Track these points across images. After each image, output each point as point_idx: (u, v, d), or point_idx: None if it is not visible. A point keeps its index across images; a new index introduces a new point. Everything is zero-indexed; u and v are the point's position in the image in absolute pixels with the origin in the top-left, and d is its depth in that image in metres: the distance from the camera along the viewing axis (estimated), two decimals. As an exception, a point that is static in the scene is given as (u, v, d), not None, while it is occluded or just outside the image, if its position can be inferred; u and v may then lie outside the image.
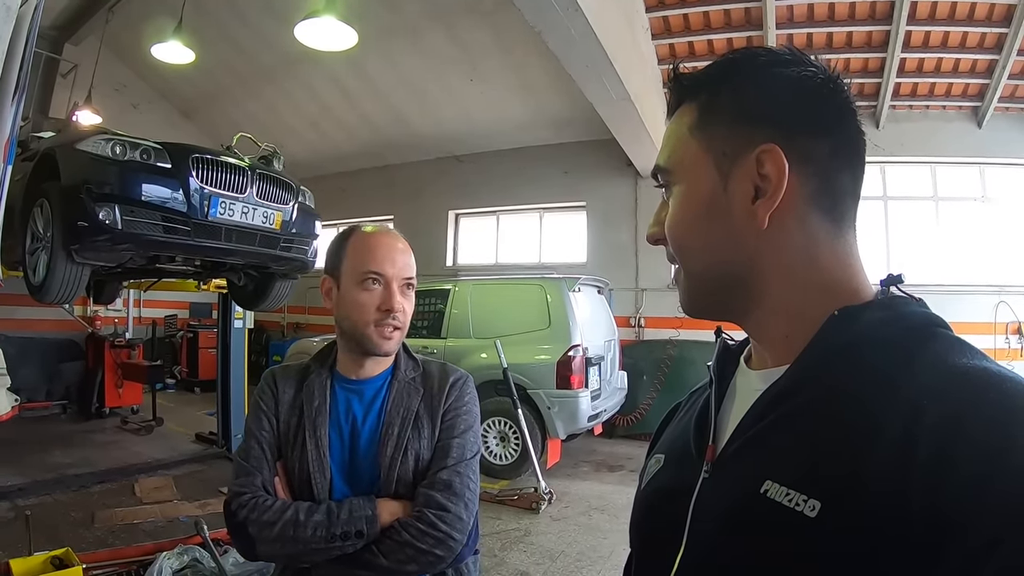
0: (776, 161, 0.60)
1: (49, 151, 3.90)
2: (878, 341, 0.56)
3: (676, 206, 0.67)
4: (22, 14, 1.82)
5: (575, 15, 4.32)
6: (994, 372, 0.50)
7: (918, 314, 0.60)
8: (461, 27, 7.50)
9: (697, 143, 0.66)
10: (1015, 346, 7.23)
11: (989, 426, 0.45)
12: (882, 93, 7.34)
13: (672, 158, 0.68)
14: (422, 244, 9.64)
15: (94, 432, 7.06)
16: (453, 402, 1.37)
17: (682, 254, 0.68)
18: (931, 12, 6.47)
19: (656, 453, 0.79)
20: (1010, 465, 0.43)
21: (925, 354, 0.54)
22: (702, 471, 0.65)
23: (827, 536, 0.49)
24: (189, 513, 4.36)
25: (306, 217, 4.62)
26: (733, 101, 0.65)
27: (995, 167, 7.66)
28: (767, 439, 0.59)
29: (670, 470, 0.73)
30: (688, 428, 0.72)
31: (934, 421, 0.47)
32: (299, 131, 10.22)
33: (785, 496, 0.52)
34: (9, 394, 4.32)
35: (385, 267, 1.32)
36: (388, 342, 1.33)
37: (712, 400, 0.71)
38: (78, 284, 3.89)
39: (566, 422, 5.62)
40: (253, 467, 1.31)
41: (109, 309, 8.69)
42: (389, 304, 1.31)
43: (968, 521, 0.42)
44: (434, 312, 6.59)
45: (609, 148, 7.84)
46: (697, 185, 0.66)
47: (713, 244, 0.65)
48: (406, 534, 1.22)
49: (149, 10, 7.49)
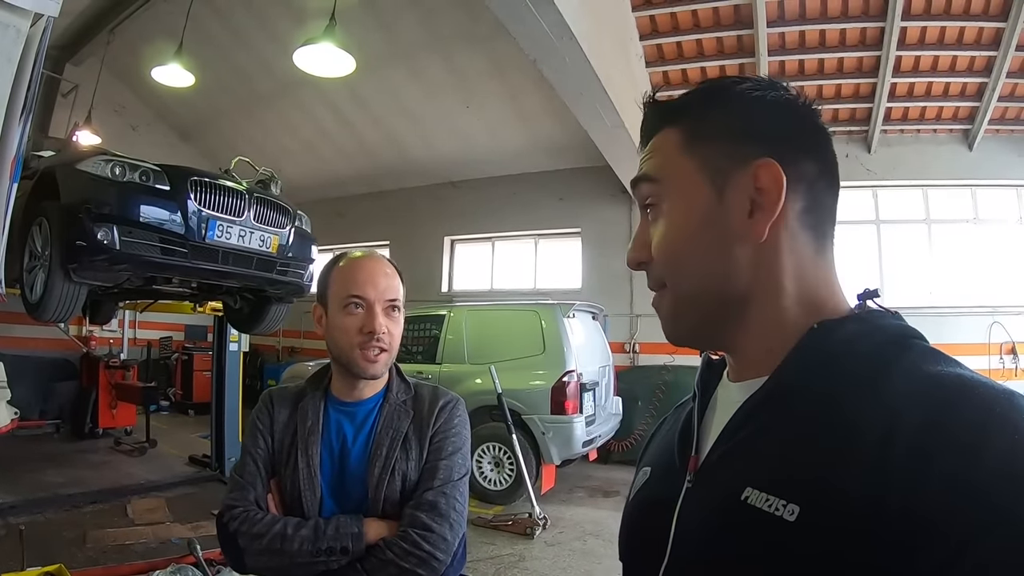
0: (774, 174, 0.61)
1: (49, 170, 3.92)
2: (855, 352, 0.57)
3: (668, 224, 0.66)
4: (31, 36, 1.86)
5: (569, 43, 4.38)
6: (968, 378, 0.51)
7: (894, 326, 0.61)
8: (457, 54, 7.60)
9: (688, 161, 0.66)
10: (1009, 366, 7.26)
11: (964, 429, 0.46)
12: (873, 118, 7.43)
13: (661, 172, 0.68)
14: (418, 270, 9.73)
15: (87, 452, 7.01)
16: (442, 425, 1.39)
17: (676, 273, 0.66)
18: (920, 37, 6.57)
19: (643, 466, 0.79)
20: (985, 466, 0.44)
21: (901, 363, 0.55)
22: (685, 481, 0.66)
23: (806, 539, 0.50)
24: (181, 535, 4.33)
25: (302, 241, 4.64)
26: (723, 122, 0.65)
27: (986, 189, 7.73)
28: (747, 448, 0.60)
29: (656, 482, 0.74)
30: (672, 440, 0.73)
31: (910, 426, 0.48)
32: (296, 155, 10.29)
33: (765, 502, 0.53)
34: (9, 407, 4.35)
35: (367, 290, 1.35)
36: (373, 365, 1.35)
37: (695, 412, 0.71)
38: (75, 303, 3.89)
39: (561, 447, 5.60)
40: (247, 482, 1.35)
41: (104, 329, 8.68)
42: (371, 326, 1.33)
43: (944, 521, 0.43)
44: (429, 338, 6.60)
45: (604, 174, 7.91)
46: (691, 201, 0.65)
47: (709, 260, 0.64)
48: (390, 553, 1.24)
49: (150, 33, 7.57)
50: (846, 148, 7.82)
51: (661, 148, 0.68)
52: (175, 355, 10.29)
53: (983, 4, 6.18)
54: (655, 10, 6.51)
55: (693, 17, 6.62)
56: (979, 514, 0.43)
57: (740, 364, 0.67)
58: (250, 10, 7.72)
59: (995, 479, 0.43)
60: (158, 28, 7.32)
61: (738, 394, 0.64)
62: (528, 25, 4.13)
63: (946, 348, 0.58)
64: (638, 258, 0.69)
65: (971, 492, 0.43)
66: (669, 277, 0.66)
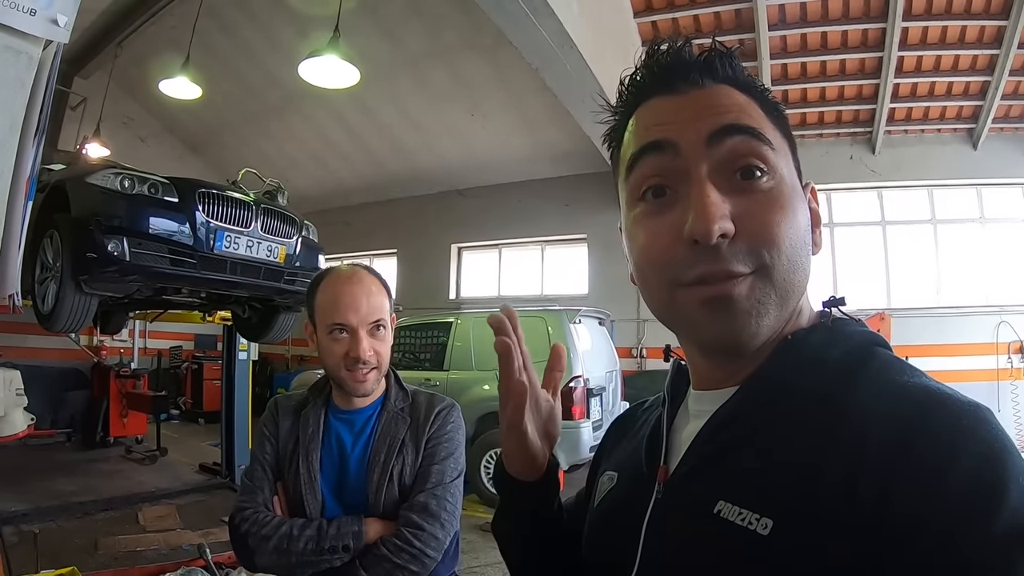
0: (816, 198, 0.61)
1: (59, 183, 3.95)
2: (823, 363, 0.56)
3: (788, 205, 0.57)
4: (43, 61, 1.92)
5: (570, 51, 4.42)
6: (934, 390, 0.50)
7: (858, 334, 0.60)
8: (462, 64, 7.65)
9: (781, 145, 0.60)
10: (1017, 365, 7.23)
11: (933, 442, 0.46)
12: (877, 119, 7.44)
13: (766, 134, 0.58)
14: (425, 277, 9.78)
15: (98, 461, 7.05)
16: (436, 430, 1.46)
17: (787, 262, 0.56)
18: (922, 37, 6.59)
19: (607, 470, 0.77)
20: (955, 480, 0.44)
21: (865, 374, 0.54)
22: (654, 492, 0.64)
23: (779, 553, 0.49)
24: (192, 541, 4.35)
25: (309, 251, 4.68)
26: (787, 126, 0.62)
27: (992, 188, 7.73)
28: (720, 460, 0.58)
29: (622, 490, 0.72)
30: (640, 447, 0.71)
31: (879, 439, 0.47)
32: (303, 166, 10.36)
33: (738, 515, 0.52)
34: (25, 413, 4.41)
35: (348, 317, 1.39)
36: (363, 384, 1.41)
37: (664, 420, 0.69)
38: (86, 314, 3.93)
39: (568, 453, 5.60)
40: (256, 486, 1.43)
41: (115, 339, 8.72)
42: (355, 353, 1.38)
43: (914, 535, 0.44)
44: (437, 345, 6.62)
45: (609, 180, 7.56)
46: (796, 189, 0.59)
47: (808, 260, 0.59)
48: (384, 549, 1.32)
49: (157, 46, 7.66)
50: (850, 150, 7.84)
51: (747, 110, 0.59)
52: (185, 364, 10.35)
53: (984, 3, 6.20)
54: (657, 16, 6.56)
55: (695, 22, 6.66)
56: (948, 524, 0.43)
57: (721, 372, 0.63)
58: (255, 23, 7.80)
59: (964, 493, 0.43)
60: (165, 41, 7.42)
61: (709, 404, 0.63)
62: (529, 34, 4.19)
63: (953, 348, 0.60)
64: (726, 228, 0.54)
65: (941, 503, 0.43)
66: (775, 264, 0.55)
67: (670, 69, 0.62)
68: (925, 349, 6.96)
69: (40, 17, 1.83)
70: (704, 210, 0.54)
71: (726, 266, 0.54)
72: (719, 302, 0.55)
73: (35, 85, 1.90)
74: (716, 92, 0.60)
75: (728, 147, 0.57)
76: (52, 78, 1.98)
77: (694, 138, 0.57)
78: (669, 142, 0.58)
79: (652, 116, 0.62)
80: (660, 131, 0.60)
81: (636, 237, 0.62)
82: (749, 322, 0.56)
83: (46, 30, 1.86)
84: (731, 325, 0.56)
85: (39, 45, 1.88)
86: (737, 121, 0.58)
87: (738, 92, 0.60)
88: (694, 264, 0.56)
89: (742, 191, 0.56)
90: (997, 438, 0.46)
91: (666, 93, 0.61)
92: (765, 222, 0.55)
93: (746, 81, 0.61)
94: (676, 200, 0.58)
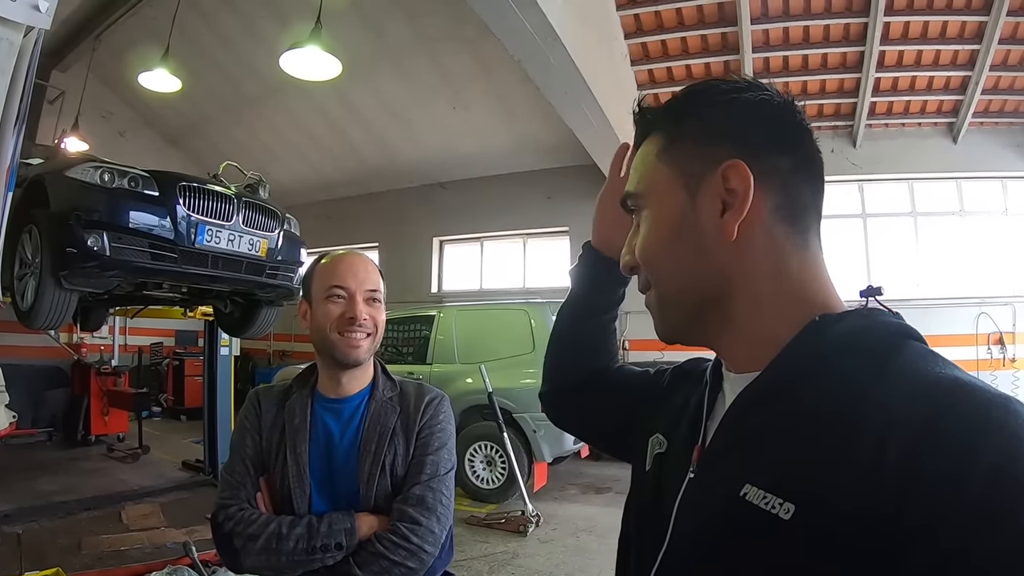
0: (741, 174, 0.62)
1: (38, 178, 3.90)
2: (851, 349, 0.57)
3: (647, 229, 0.69)
4: (23, 47, 1.88)
5: (554, 44, 4.40)
6: (964, 381, 0.51)
7: (892, 324, 0.61)
8: (444, 55, 7.61)
9: (666, 167, 0.68)
10: (997, 356, 7.33)
11: (959, 434, 0.46)
12: (858, 112, 7.50)
13: (641, 183, 0.70)
14: (407, 271, 9.72)
15: (80, 459, 6.98)
16: (428, 420, 1.42)
17: (656, 276, 0.69)
18: (904, 32, 6.63)
19: (659, 432, 0.79)
20: (979, 471, 0.44)
21: (897, 363, 0.55)
22: (688, 471, 0.67)
23: (800, 538, 0.50)
24: (176, 539, 4.32)
25: (291, 244, 4.65)
26: (698, 126, 0.67)
27: (971, 181, 7.82)
28: (748, 444, 0.60)
29: (667, 464, 0.74)
30: (685, 422, 0.74)
31: (905, 427, 0.48)
32: (285, 159, 10.28)
33: (762, 499, 0.54)
34: (7, 411, 4.35)
35: (347, 280, 1.39)
36: (356, 350, 1.38)
37: (704, 401, 0.72)
38: (66, 310, 3.89)
39: (552, 445, 5.63)
40: (237, 481, 1.37)
41: (95, 336, 8.60)
42: (353, 312, 1.37)
43: (935, 526, 0.44)
44: (419, 338, 6.62)
45: (591, 173, 7.91)
46: (667, 206, 0.67)
47: (686, 261, 0.66)
48: (380, 546, 1.27)
49: (136, 38, 7.56)
50: (831, 143, 7.88)
51: (644, 158, 0.71)
52: (166, 361, 10.26)
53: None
54: (639, 9, 6.54)
55: (677, 15, 6.66)
56: (971, 519, 0.43)
57: (730, 359, 0.69)
58: (236, 14, 7.71)
59: (989, 484, 0.43)
60: (144, 34, 7.31)
61: (737, 385, 0.65)
62: (512, 25, 4.16)
63: (934, 339, 0.60)
64: (629, 263, 0.72)
65: (964, 496, 0.43)
66: (652, 279, 0.69)
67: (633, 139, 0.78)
68: None
69: (21, 3, 1.80)
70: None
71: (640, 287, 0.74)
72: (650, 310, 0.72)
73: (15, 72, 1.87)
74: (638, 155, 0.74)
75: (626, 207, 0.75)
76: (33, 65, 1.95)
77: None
78: None
79: None
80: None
81: None
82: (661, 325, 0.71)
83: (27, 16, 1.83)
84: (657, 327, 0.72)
85: (20, 31, 1.85)
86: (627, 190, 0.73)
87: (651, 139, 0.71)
88: None
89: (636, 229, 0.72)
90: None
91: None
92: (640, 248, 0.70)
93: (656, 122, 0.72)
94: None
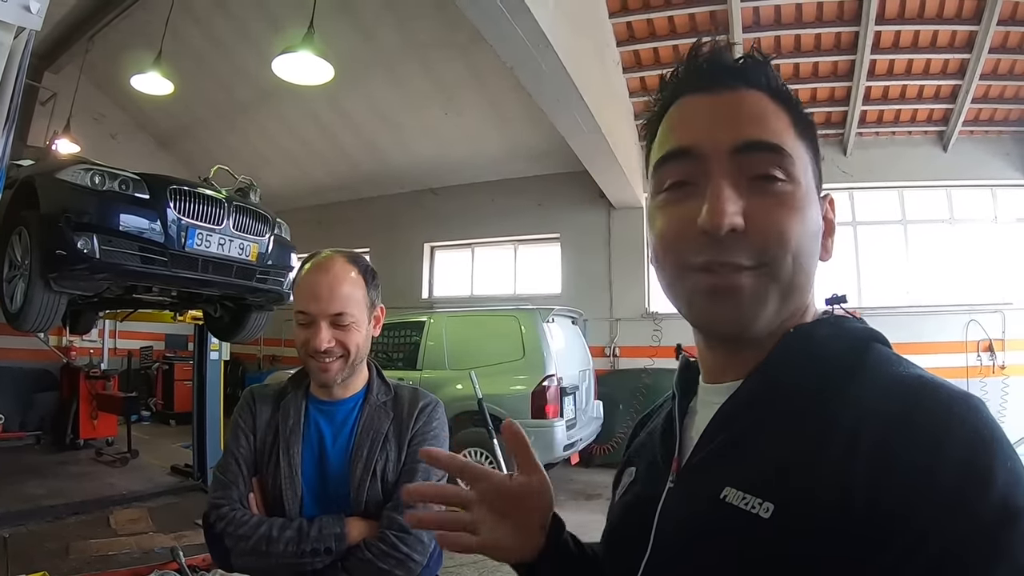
0: (833, 208, 0.65)
1: (28, 179, 3.89)
2: (826, 356, 0.59)
3: (803, 212, 0.60)
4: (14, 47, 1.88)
5: (546, 51, 4.40)
6: (928, 379, 0.54)
7: (859, 329, 0.63)
8: (436, 61, 7.61)
9: (804, 155, 0.63)
10: (987, 363, 7.34)
11: (926, 427, 0.48)
12: (849, 121, 7.54)
13: (790, 151, 0.61)
14: (398, 276, 9.70)
15: (68, 463, 6.92)
16: (421, 427, 1.42)
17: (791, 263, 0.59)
18: (894, 41, 6.68)
19: (628, 466, 0.80)
20: (945, 461, 0.46)
21: (866, 366, 0.57)
22: (668, 481, 0.67)
23: (780, 536, 0.52)
24: (164, 544, 4.30)
25: (282, 249, 4.64)
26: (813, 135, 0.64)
27: (961, 189, 7.85)
28: (728, 449, 0.61)
29: (639, 484, 0.75)
30: (655, 440, 0.74)
31: (876, 424, 0.50)
32: (276, 163, 10.25)
33: (742, 500, 0.55)
34: None
35: (309, 305, 1.34)
36: (325, 374, 1.36)
37: (676, 413, 0.72)
38: (56, 313, 3.88)
39: (542, 452, 5.59)
40: (230, 481, 1.36)
41: (84, 339, 8.58)
42: (314, 343, 1.33)
43: (906, 513, 0.46)
44: (410, 344, 6.61)
45: (582, 180, 7.96)
46: (812, 199, 0.62)
47: (814, 264, 0.63)
48: (369, 553, 1.28)
49: (129, 41, 7.52)
50: (822, 151, 7.83)
51: (771, 118, 0.62)
52: (156, 365, 10.19)
53: (956, 7, 6.29)
54: (632, 16, 6.58)
55: (669, 23, 6.70)
56: (938, 506, 0.45)
57: (723, 367, 0.67)
58: (229, 18, 7.70)
59: (954, 472, 0.46)
60: (137, 36, 7.28)
61: (716, 396, 0.66)
62: (503, 32, 4.16)
63: (924, 347, 0.61)
64: (736, 223, 0.58)
65: (931, 484, 0.45)
66: (780, 262, 0.59)
67: (706, 68, 0.64)
68: (896, 347, 6.69)
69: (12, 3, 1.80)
70: (717, 205, 0.58)
71: (730, 257, 0.58)
72: (720, 291, 0.59)
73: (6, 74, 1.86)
74: (747, 98, 0.62)
75: (750, 160, 0.60)
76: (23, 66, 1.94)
77: (718, 147, 0.60)
78: (694, 150, 0.61)
79: (682, 115, 0.65)
80: (687, 136, 0.63)
81: (655, 222, 0.65)
82: (747, 312, 0.59)
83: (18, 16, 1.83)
84: (728, 314, 0.60)
85: (11, 32, 1.85)
86: (761, 137, 0.60)
87: (769, 100, 0.63)
88: (700, 252, 0.59)
89: (758, 192, 0.60)
90: (987, 424, 0.49)
91: (699, 91, 0.64)
92: (774, 221, 0.59)
93: (779, 90, 0.64)
94: (695, 193, 0.61)
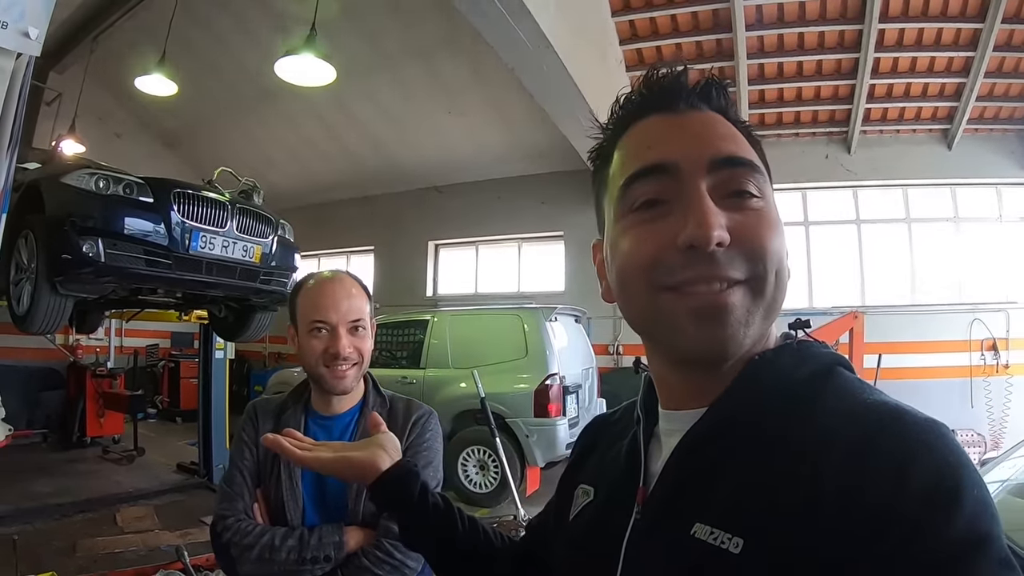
0: None
1: (34, 183, 3.93)
2: (789, 383, 0.58)
3: (778, 228, 0.60)
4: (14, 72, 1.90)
5: (546, 52, 4.42)
6: (893, 405, 0.53)
7: (823, 355, 0.62)
8: (439, 62, 7.62)
9: (764, 172, 0.63)
10: (991, 362, 7.34)
11: (892, 453, 0.48)
12: (853, 119, 7.51)
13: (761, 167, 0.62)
14: (402, 274, 9.75)
15: (75, 461, 6.97)
16: (415, 439, 1.47)
17: (775, 279, 0.58)
18: (899, 38, 6.66)
19: (583, 483, 0.78)
20: (909, 491, 0.46)
21: (830, 393, 0.57)
22: (634, 512, 0.65)
23: (750, 571, 0.51)
24: (170, 542, 4.32)
25: (285, 250, 4.67)
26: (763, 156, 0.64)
27: (966, 188, 7.84)
28: (694, 483, 0.60)
29: (599, 509, 0.73)
30: (618, 465, 0.72)
31: (840, 453, 0.49)
32: (280, 162, 10.28)
33: (710, 535, 0.54)
34: (3, 424, 4.35)
35: (329, 315, 1.41)
36: (341, 381, 1.42)
37: (640, 440, 0.70)
38: (62, 315, 3.92)
39: (544, 450, 5.65)
40: (235, 493, 1.42)
41: (91, 338, 8.61)
42: (335, 349, 1.40)
43: (871, 541, 0.45)
44: (413, 342, 6.63)
45: (585, 178, 7.52)
46: (779, 215, 0.62)
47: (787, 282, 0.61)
48: (365, 560, 1.33)
49: (133, 41, 7.57)
50: (826, 149, 7.92)
51: (739, 138, 0.63)
52: (162, 363, 10.23)
53: (960, 5, 6.27)
54: (634, 15, 6.57)
55: (672, 21, 6.69)
56: (905, 531, 0.45)
57: (686, 393, 0.65)
58: (232, 18, 7.72)
59: (920, 497, 0.45)
60: (141, 36, 7.31)
61: (680, 423, 0.64)
62: (505, 33, 4.18)
63: (928, 345, 0.61)
64: (723, 237, 0.56)
65: (898, 510, 0.45)
66: (765, 277, 0.58)
67: (670, 90, 0.64)
68: (900, 346, 7.07)
69: (12, 30, 1.82)
70: (704, 217, 0.56)
71: (720, 271, 0.56)
72: (709, 311, 0.56)
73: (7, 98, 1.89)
74: (712, 119, 0.63)
75: (727, 174, 0.59)
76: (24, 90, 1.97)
77: (696, 162, 0.59)
78: (670, 164, 0.60)
79: (650, 133, 0.64)
80: (661, 152, 0.61)
81: (620, 245, 0.62)
82: (737, 331, 0.57)
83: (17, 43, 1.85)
84: (718, 334, 0.57)
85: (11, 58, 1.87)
86: (737, 153, 0.60)
87: (728, 123, 0.63)
88: (682, 270, 0.57)
89: (734, 208, 0.58)
90: (952, 451, 0.48)
91: (664, 112, 0.64)
92: (758, 235, 0.58)
93: (734, 114, 0.65)
94: (669, 212, 0.59)
